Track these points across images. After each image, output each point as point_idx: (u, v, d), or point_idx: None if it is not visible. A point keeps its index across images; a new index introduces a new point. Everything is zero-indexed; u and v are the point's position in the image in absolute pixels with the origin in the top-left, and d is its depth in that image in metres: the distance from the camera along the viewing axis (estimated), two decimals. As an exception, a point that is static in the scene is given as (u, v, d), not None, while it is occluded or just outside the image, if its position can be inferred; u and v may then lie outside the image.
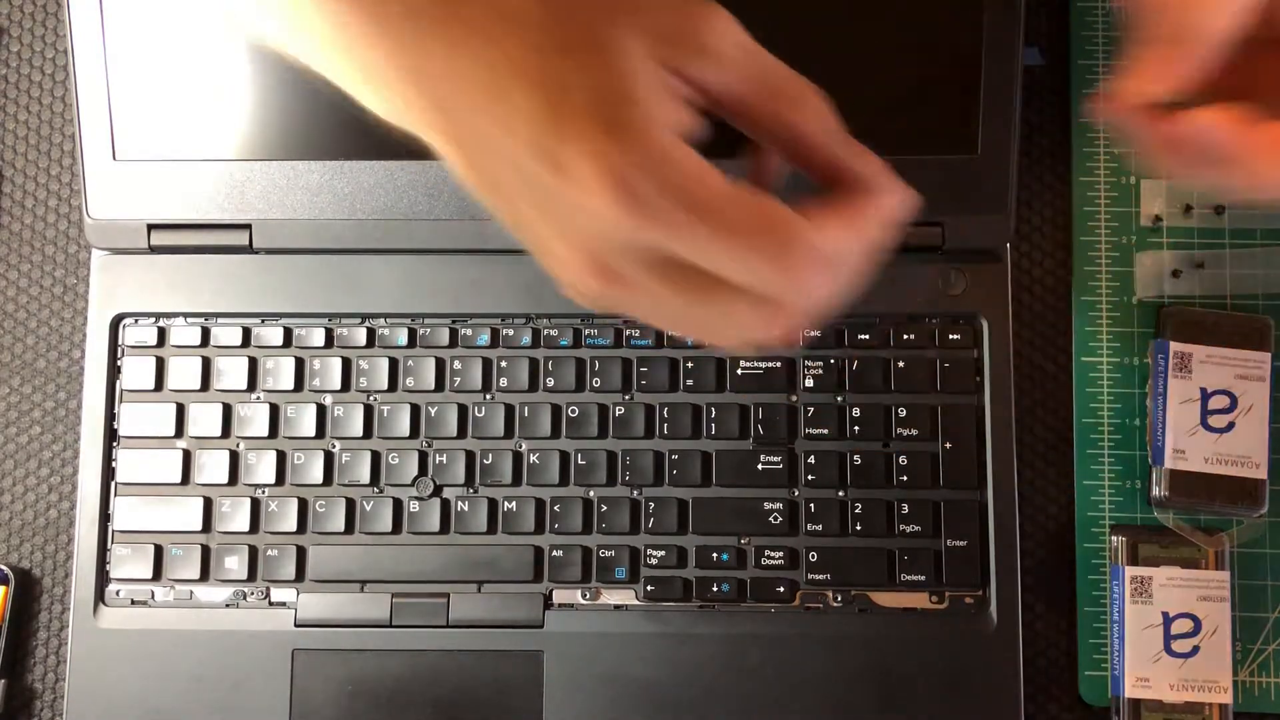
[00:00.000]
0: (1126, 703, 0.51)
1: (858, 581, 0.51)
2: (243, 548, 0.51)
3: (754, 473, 0.51)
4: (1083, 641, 0.53)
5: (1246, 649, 0.52)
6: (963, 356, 0.52)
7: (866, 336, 0.52)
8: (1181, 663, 0.51)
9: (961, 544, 0.51)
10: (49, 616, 0.54)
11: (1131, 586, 0.52)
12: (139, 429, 0.52)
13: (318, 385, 0.53)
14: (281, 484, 0.52)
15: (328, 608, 0.51)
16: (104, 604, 0.52)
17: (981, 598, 0.51)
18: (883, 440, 0.51)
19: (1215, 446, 0.52)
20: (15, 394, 0.56)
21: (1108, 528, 0.53)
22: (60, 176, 0.57)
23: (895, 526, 0.51)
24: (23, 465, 0.55)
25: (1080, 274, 0.55)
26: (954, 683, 0.49)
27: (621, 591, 0.51)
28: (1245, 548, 0.53)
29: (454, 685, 0.50)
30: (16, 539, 0.55)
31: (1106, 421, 0.54)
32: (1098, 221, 0.56)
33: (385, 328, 0.53)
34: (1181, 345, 0.53)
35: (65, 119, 0.58)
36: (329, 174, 0.52)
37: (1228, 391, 0.52)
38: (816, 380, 0.52)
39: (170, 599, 0.52)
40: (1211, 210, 0.55)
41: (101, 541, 0.52)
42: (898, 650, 0.50)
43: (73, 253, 0.57)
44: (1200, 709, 0.51)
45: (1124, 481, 0.54)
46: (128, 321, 0.54)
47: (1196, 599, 0.51)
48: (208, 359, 0.53)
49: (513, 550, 0.51)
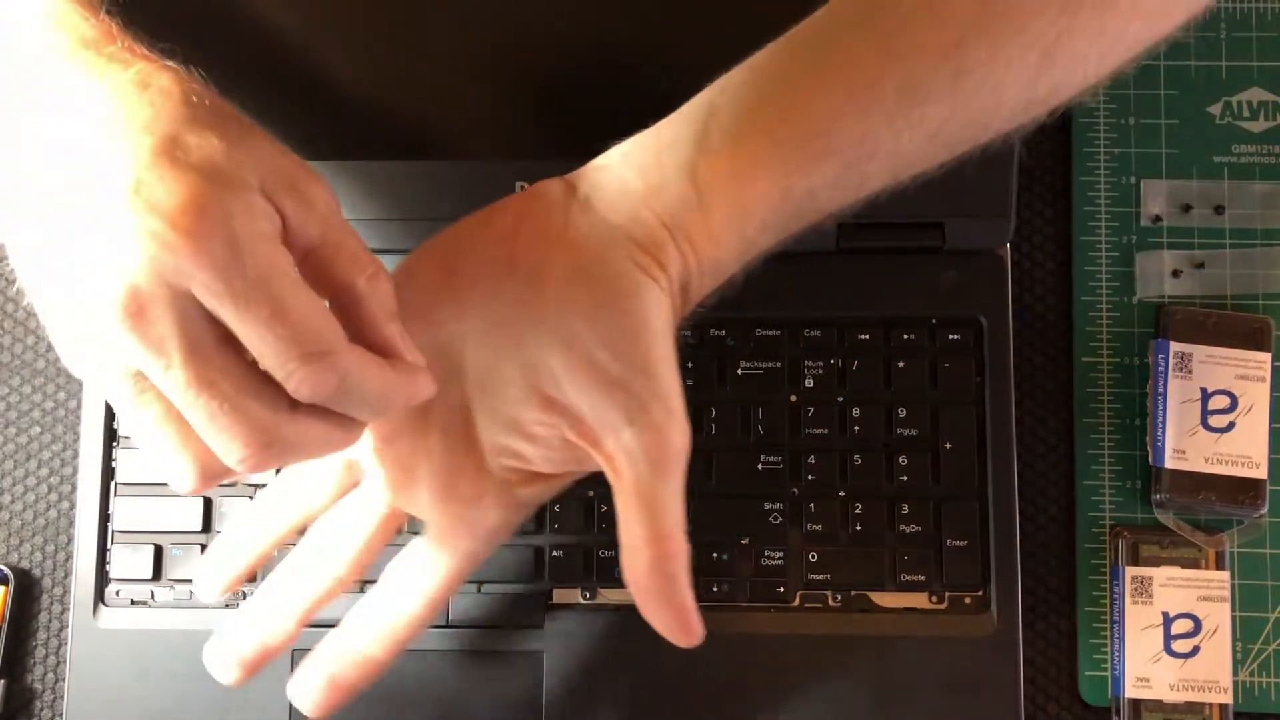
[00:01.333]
0: (1126, 703, 0.51)
1: (858, 581, 0.51)
2: (242, 548, 0.51)
3: (754, 473, 0.51)
4: (1083, 641, 0.53)
5: (1247, 649, 0.52)
6: (963, 356, 0.52)
7: (866, 336, 0.52)
8: (1182, 663, 0.51)
9: (961, 544, 0.51)
10: (49, 617, 0.54)
11: (1131, 586, 0.52)
12: (139, 429, 0.52)
13: (318, 385, 0.53)
14: (281, 484, 0.52)
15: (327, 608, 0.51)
16: (104, 604, 0.52)
17: (981, 598, 0.51)
18: (883, 440, 0.51)
19: (1215, 446, 0.52)
20: (15, 394, 0.56)
21: (1108, 528, 0.53)
22: (60, 176, 0.57)
23: (895, 526, 0.51)
24: (22, 465, 0.55)
25: (1080, 274, 0.55)
26: (954, 682, 0.49)
27: (621, 591, 0.51)
28: (1245, 548, 0.53)
29: (454, 685, 0.50)
30: (16, 539, 0.55)
31: (1106, 421, 0.54)
32: (1098, 221, 0.56)
33: (385, 328, 0.53)
34: (1182, 345, 0.53)
35: (65, 119, 0.58)
36: (329, 174, 0.51)
37: (1228, 391, 0.52)
38: (816, 380, 0.52)
39: (170, 599, 0.52)
40: (1211, 210, 0.55)
41: (101, 541, 0.52)
42: (898, 650, 0.50)
43: (72, 253, 0.57)
44: (1200, 709, 0.51)
45: (1124, 481, 0.54)
46: (127, 321, 0.53)
47: (1197, 599, 0.52)
48: (207, 359, 0.53)
49: (513, 550, 0.51)
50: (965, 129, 0.38)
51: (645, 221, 0.37)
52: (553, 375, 0.37)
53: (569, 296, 0.37)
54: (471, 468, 0.39)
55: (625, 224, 0.37)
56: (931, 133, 0.38)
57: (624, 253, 0.37)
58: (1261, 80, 0.56)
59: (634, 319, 0.37)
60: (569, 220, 0.38)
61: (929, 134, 0.38)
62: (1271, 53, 0.56)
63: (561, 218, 0.38)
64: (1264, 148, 0.56)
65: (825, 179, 0.37)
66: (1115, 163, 0.56)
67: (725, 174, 0.37)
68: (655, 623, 0.38)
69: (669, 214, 0.37)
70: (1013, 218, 0.51)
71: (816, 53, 0.38)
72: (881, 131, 0.37)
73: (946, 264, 0.52)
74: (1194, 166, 0.56)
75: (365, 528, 0.41)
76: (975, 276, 0.52)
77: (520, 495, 0.40)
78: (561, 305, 0.37)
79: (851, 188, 0.38)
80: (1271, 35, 0.56)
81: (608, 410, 0.37)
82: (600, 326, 0.37)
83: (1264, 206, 0.55)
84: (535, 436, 0.38)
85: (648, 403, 0.37)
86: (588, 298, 0.37)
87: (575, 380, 0.37)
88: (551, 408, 0.37)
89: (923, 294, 0.52)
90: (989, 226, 0.51)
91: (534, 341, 0.37)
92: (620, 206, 0.38)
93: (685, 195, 0.37)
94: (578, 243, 0.38)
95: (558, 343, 0.37)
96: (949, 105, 0.37)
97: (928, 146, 0.38)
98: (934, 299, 0.52)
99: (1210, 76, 0.56)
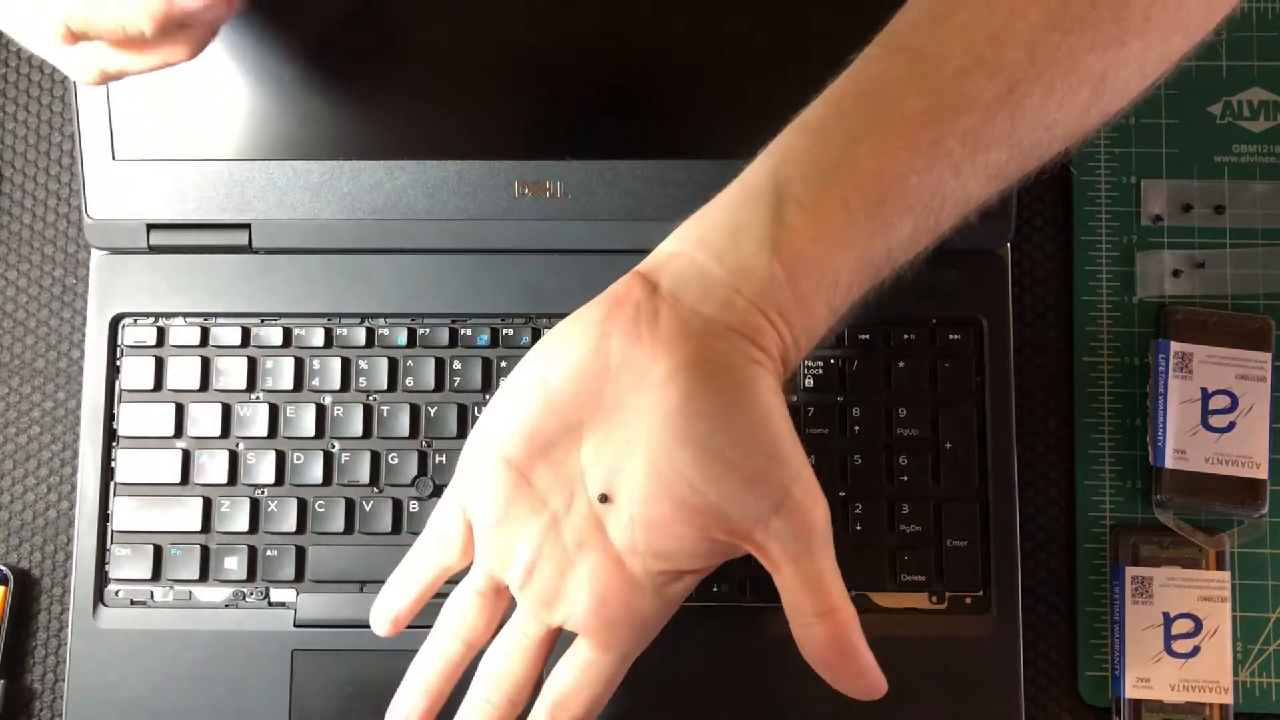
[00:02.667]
0: (1127, 703, 0.51)
1: (858, 581, 0.51)
2: (242, 548, 0.51)
3: (754, 473, 0.51)
4: (1083, 641, 0.53)
5: (1247, 649, 0.52)
6: (963, 356, 0.52)
7: (867, 337, 0.52)
8: (1182, 663, 0.51)
9: (961, 544, 0.51)
10: (48, 617, 0.54)
11: (1132, 586, 0.52)
12: (138, 429, 0.52)
13: (317, 385, 0.53)
14: (281, 484, 0.52)
15: (327, 608, 0.51)
16: (103, 604, 0.51)
17: (981, 598, 0.50)
18: (883, 440, 0.51)
19: (1216, 446, 0.52)
20: (15, 394, 0.56)
21: (1108, 528, 0.53)
22: (60, 176, 0.57)
23: (895, 526, 0.51)
24: (22, 465, 0.55)
25: (1080, 274, 0.55)
26: (954, 683, 0.49)
27: (621, 592, 0.51)
28: (1246, 548, 0.53)
29: (454, 685, 0.50)
30: (16, 539, 0.55)
31: (1106, 421, 0.54)
32: (1098, 221, 0.56)
33: (385, 327, 0.53)
34: (1182, 345, 0.52)
35: (65, 119, 0.58)
36: (329, 174, 0.52)
37: (1228, 391, 0.52)
38: (816, 380, 0.52)
39: (170, 599, 0.52)
40: (1212, 210, 0.55)
41: (101, 542, 0.52)
42: (898, 650, 0.50)
43: (72, 252, 0.57)
44: (1201, 709, 0.51)
45: (1124, 481, 0.54)
46: (127, 321, 0.53)
47: (1197, 599, 0.51)
48: (207, 359, 0.53)
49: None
50: (1024, 165, 0.39)
51: (738, 308, 0.37)
52: (685, 479, 0.37)
53: (683, 399, 0.37)
54: (618, 578, 0.39)
55: (719, 314, 0.37)
56: (993, 174, 0.38)
57: (728, 344, 0.37)
58: (1262, 80, 0.56)
59: (756, 410, 0.37)
60: (659, 320, 0.38)
61: (991, 176, 0.38)
62: (1271, 53, 0.56)
63: (650, 316, 0.38)
64: (1264, 147, 0.56)
65: (902, 237, 0.38)
66: (1115, 162, 0.56)
67: (807, 248, 0.37)
68: (843, 688, 0.39)
69: (759, 295, 0.37)
70: (1013, 217, 0.51)
71: (874, 113, 0.38)
72: (949, 183, 0.37)
73: (947, 264, 0.52)
74: (1194, 166, 0.56)
75: (527, 650, 0.41)
76: (975, 276, 0.52)
77: (669, 593, 0.40)
78: (677, 408, 0.37)
79: (925, 239, 0.39)
80: (1271, 35, 0.56)
81: (752, 503, 0.37)
82: (726, 423, 0.37)
83: (1264, 206, 0.55)
84: (677, 539, 0.38)
85: (788, 487, 0.37)
86: (703, 397, 0.37)
87: (714, 481, 0.37)
88: (693, 511, 0.37)
89: (923, 294, 0.52)
90: (989, 226, 0.51)
91: (655, 447, 0.37)
92: (710, 296, 0.37)
93: (772, 275, 0.37)
94: (676, 342, 0.37)
95: (686, 447, 0.37)
96: (1008, 149, 0.38)
97: (990, 186, 0.39)
98: (934, 299, 0.52)
99: (1210, 76, 0.56)
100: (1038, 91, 0.37)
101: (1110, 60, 0.37)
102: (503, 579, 0.41)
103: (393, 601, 0.43)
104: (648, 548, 0.39)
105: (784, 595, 0.38)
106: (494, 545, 0.41)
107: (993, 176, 0.38)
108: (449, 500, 0.42)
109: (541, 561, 0.40)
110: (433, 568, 0.42)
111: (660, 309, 0.38)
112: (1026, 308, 0.55)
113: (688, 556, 0.39)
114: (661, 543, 0.38)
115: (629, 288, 0.38)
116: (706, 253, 0.38)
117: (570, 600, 0.40)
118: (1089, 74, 0.37)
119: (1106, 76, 0.37)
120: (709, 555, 0.39)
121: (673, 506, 0.38)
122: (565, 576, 0.40)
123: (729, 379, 0.37)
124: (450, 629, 0.42)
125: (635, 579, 0.39)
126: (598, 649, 0.41)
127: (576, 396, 0.38)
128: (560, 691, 0.41)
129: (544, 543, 0.40)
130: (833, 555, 0.39)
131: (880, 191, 0.37)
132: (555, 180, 0.52)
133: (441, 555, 0.42)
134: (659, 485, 0.38)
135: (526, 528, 0.40)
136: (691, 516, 0.37)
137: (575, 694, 0.41)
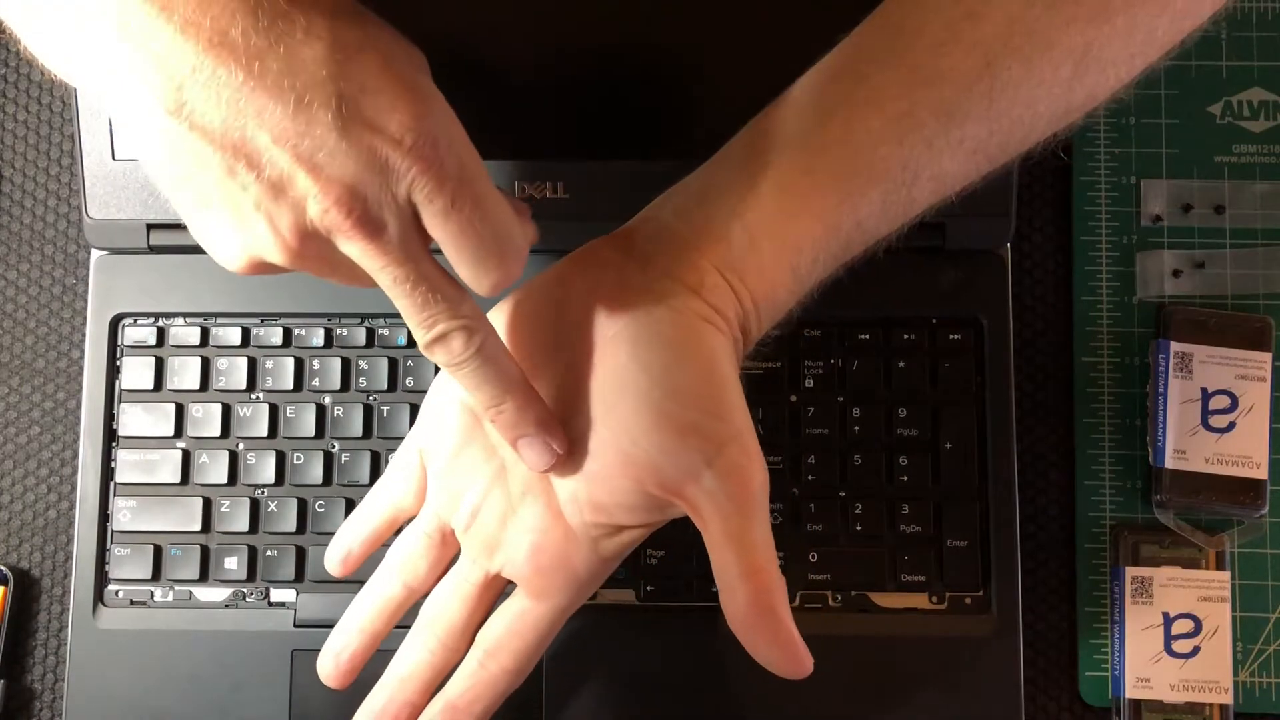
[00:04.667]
0: (1127, 703, 0.51)
1: (858, 582, 0.51)
2: (242, 548, 0.51)
3: (754, 473, 0.51)
4: (1083, 641, 0.53)
5: (1247, 649, 0.52)
6: (963, 356, 0.52)
7: (867, 337, 0.52)
8: (1182, 663, 0.51)
9: (961, 544, 0.51)
10: (48, 617, 0.54)
11: (1132, 586, 0.52)
12: (138, 429, 0.52)
13: (317, 385, 0.53)
14: (281, 484, 0.52)
15: (327, 608, 0.51)
16: (103, 604, 0.51)
17: (981, 598, 0.50)
18: (883, 440, 0.51)
19: (1216, 446, 0.52)
20: (14, 394, 0.56)
21: (1108, 528, 0.53)
22: (59, 176, 0.57)
23: (895, 527, 0.51)
24: (22, 465, 0.55)
25: (1080, 274, 0.55)
26: (954, 682, 0.49)
27: (621, 591, 0.51)
28: (1246, 548, 0.53)
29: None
30: (16, 539, 0.55)
31: (1106, 421, 0.54)
32: (1098, 221, 0.56)
33: (385, 328, 0.53)
34: (1182, 345, 0.53)
35: (65, 119, 0.58)
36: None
37: (1228, 391, 0.52)
38: (816, 380, 0.52)
39: (169, 599, 0.52)
40: (1211, 210, 0.55)
41: (101, 542, 0.52)
42: (898, 650, 0.50)
43: (72, 253, 0.57)
44: (1201, 709, 0.51)
45: (1124, 481, 0.54)
46: (127, 321, 0.53)
47: (1197, 599, 0.51)
48: (207, 359, 0.53)
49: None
50: (1005, 143, 0.39)
51: (699, 268, 0.38)
52: (626, 430, 0.38)
53: (629, 353, 0.38)
54: (557, 528, 0.40)
55: (680, 273, 0.38)
56: (972, 150, 0.38)
57: (681, 302, 0.37)
58: (1262, 80, 0.56)
59: (699, 365, 0.37)
60: (624, 278, 0.38)
61: (969, 152, 0.38)
62: (1271, 53, 0.56)
63: (615, 276, 0.39)
64: (1264, 147, 0.56)
65: (872, 209, 0.38)
66: (1115, 163, 0.56)
67: (773, 215, 0.38)
68: (761, 658, 0.38)
69: (722, 260, 0.38)
70: (1013, 218, 0.51)
71: (848, 85, 0.38)
72: (922, 156, 0.37)
73: (947, 264, 0.52)
74: (1194, 166, 0.56)
75: (466, 598, 0.42)
76: (975, 276, 0.52)
77: (605, 548, 0.40)
78: (623, 363, 0.38)
79: (898, 213, 0.39)
80: (1271, 35, 0.56)
81: (685, 457, 0.37)
82: (668, 377, 0.37)
83: (1264, 206, 0.55)
84: (615, 491, 0.39)
85: (724, 444, 0.37)
86: (649, 351, 0.37)
87: (649, 433, 0.37)
88: (630, 463, 0.38)
89: (923, 294, 0.52)
90: (989, 226, 0.51)
91: (600, 400, 0.38)
92: (675, 257, 0.38)
93: (736, 240, 0.38)
94: (632, 299, 0.38)
95: (627, 399, 0.37)
96: (986, 125, 0.37)
97: (969, 163, 0.39)
98: (934, 299, 0.52)
99: (1210, 76, 0.56)
100: (1016, 66, 0.37)
101: (1092, 36, 0.37)
102: (449, 522, 0.42)
103: (345, 540, 0.43)
104: (588, 498, 0.39)
105: (711, 555, 0.38)
106: (445, 488, 0.41)
107: (972, 152, 0.38)
108: (407, 445, 0.43)
109: (486, 506, 0.41)
110: (386, 509, 0.43)
111: (626, 267, 0.39)
112: (1026, 308, 0.55)
113: (625, 510, 0.39)
114: (602, 495, 0.39)
115: (601, 245, 0.40)
116: (676, 215, 0.39)
117: (509, 546, 0.40)
118: (1070, 50, 0.37)
119: (1089, 53, 0.37)
120: (646, 510, 0.39)
121: (615, 458, 0.38)
122: (507, 523, 0.41)
123: (676, 334, 0.37)
124: (392, 568, 0.43)
125: (572, 530, 0.40)
126: (531, 597, 0.41)
127: (535, 348, 0.40)
128: (492, 640, 0.41)
129: (491, 488, 0.41)
130: (767, 522, 0.38)
131: (848, 161, 0.37)
132: (555, 180, 0.52)
133: (396, 495, 0.43)
134: (602, 436, 0.38)
135: (477, 473, 0.41)
136: (629, 469, 0.38)
137: (506, 642, 0.41)
